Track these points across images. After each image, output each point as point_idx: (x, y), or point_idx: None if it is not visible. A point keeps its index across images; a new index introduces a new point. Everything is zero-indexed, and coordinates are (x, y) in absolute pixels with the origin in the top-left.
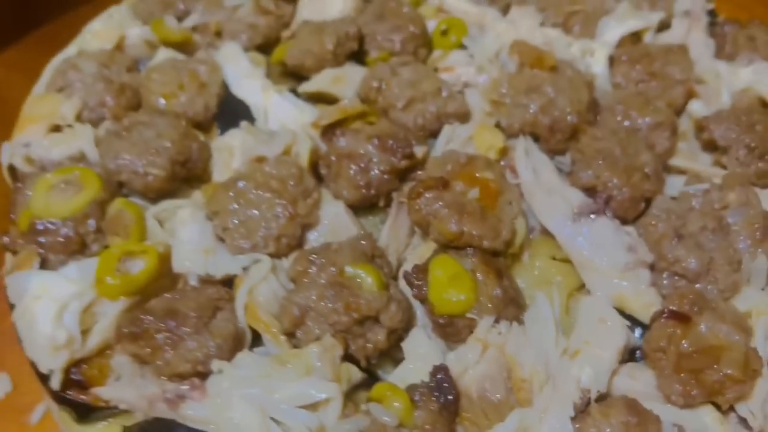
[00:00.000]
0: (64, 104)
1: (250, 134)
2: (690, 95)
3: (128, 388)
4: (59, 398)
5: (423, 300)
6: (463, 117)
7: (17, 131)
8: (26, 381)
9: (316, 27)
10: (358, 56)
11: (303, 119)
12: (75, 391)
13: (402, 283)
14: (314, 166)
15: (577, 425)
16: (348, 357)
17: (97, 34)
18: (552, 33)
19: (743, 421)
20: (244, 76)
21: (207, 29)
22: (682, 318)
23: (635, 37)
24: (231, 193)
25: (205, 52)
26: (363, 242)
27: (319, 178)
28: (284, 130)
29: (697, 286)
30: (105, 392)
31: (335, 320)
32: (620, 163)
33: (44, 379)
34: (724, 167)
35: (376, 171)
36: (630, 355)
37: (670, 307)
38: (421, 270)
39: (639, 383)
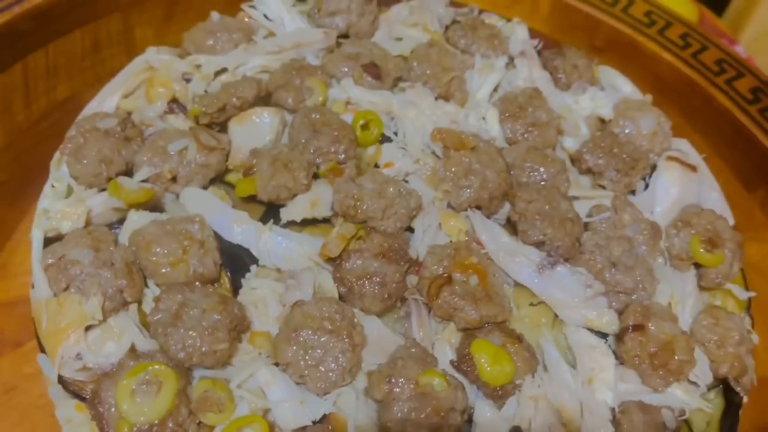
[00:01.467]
0: (87, 305)
1: (274, 280)
2: (559, 132)
3: None
4: None
5: (475, 380)
6: (421, 207)
7: (49, 346)
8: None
9: (273, 159)
10: None
11: (304, 251)
12: None
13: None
14: None
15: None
16: None
17: (64, 214)
18: (449, 108)
19: (693, 383)
20: (233, 222)
21: (161, 178)
22: (640, 328)
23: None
24: (294, 346)
25: (170, 201)
26: (413, 349)
27: (340, 298)
28: (304, 269)
29: (634, 297)
30: None
31: (429, 422)
32: (554, 217)
33: None
34: (602, 187)
35: (393, 284)
36: None
37: (630, 323)
38: (466, 358)
39: (630, 384)
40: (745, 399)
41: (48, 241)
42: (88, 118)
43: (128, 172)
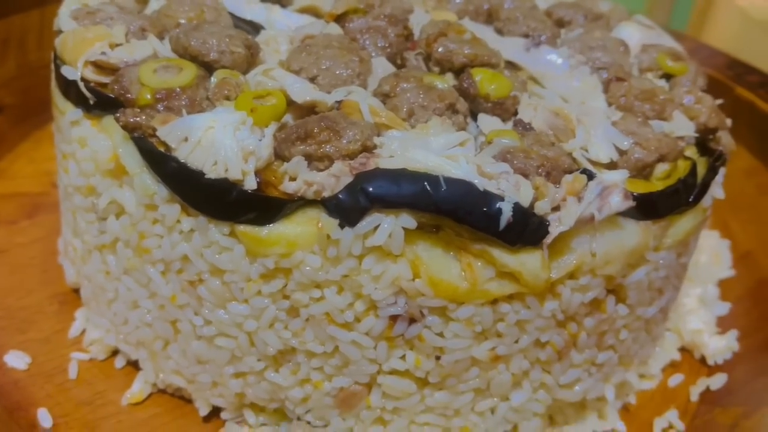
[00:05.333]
0: (113, 29)
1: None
2: None
3: (314, 175)
4: (249, 204)
5: (476, 97)
6: (412, 11)
7: (73, 56)
8: (42, 351)
9: None
10: None
11: (311, 22)
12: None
13: None
14: None
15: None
16: None
17: None
18: None
19: None
20: (245, 3)
21: None
22: (622, 79)
23: None
24: (304, 54)
25: None
26: (417, 68)
27: None
28: (312, 22)
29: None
30: (292, 185)
31: (434, 107)
32: (536, 18)
33: (227, 196)
34: None
35: (393, 36)
36: None
37: (614, 75)
38: (467, 78)
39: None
40: (727, 156)
41: None
42: None
43: None
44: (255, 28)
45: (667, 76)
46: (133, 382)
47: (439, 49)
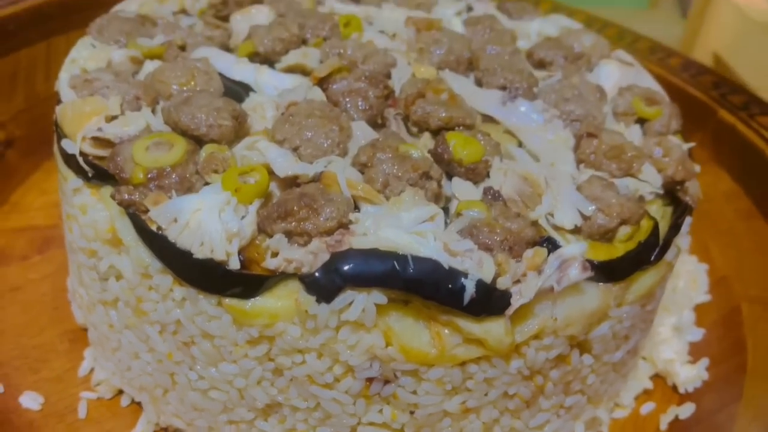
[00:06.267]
0: (109, 101)
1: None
2: (514, 38)
3: (293, 252)
4: (233, 280)
5: (450, 162)
6: (396, 65)
7: (72, 129)
8: (54, 391)
9: (270, 25)
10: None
11: (296, 83)
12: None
13: None
14: None
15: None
16: None
17: (89, 58)
18: (417, 13)
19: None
20: (234, 64)
21: (172, 45)
22: (593, 135)
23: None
24: (287, 125)
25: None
26: (394, 135)
27: None
28: (297, 86)
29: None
30: (273, 262)
31: (408, 177)
32: (513, 69)
33: (213, 273)
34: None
35: (373, 97)
36: None
37: (585, 131)
38: (442, 144)
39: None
40: (694, 205)
41: None
42: (110, 12)
43: None
44: (244, 88)
45: (642, 120)
46: (137, 422)
47: (417, 112)
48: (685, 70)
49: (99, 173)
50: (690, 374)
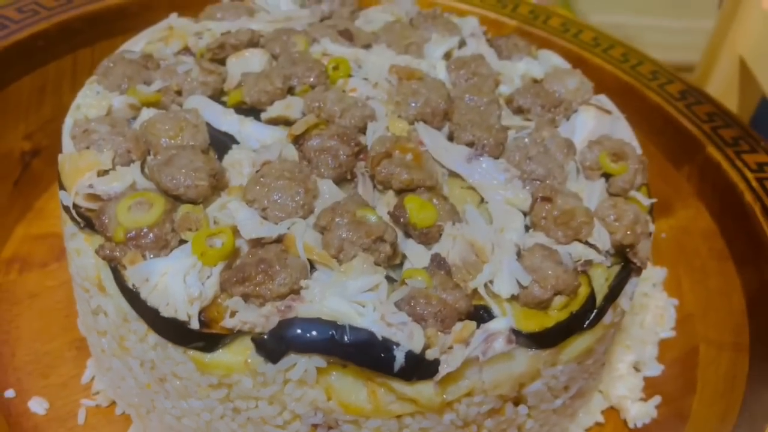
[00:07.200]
0: (101, 156)
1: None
2: (497, 82)
3: (248, 314)
4: (195, 337)
5: (407, 225)
6: (374, 118)
7: (68, 183)
8: (59, 396)
9: (258, 75)
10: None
11: (276, 136)
12: (207, 329)
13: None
14: None
15: (519, 263)
16: None
17: (91, 105)
18: (406, 59)
19: (592, 246)
20: (221, 114)
21: (169, 90)
22: (547, 199)
23: (448, 54)
24: (258, 186)
25: (174, 107)
26: (356, 197)
27: None
28: (273, 142)
29: (547, 182)
30: (230, 322)
31: (361, 242)
32: (483, 125)
33: (178, 329)
34: (530, 120)
35: (344, 156)
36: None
37: (540, 195)
38: (400, 207)
39: (537, 239)
40: (643, 267)
41: None
42: (117, 52)
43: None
44: (231, 138)
45: (607, 175)
46: (128, 430)
47: (382, 172)
48: (682, 98)
49: (90, 225)
50: (640, 411)
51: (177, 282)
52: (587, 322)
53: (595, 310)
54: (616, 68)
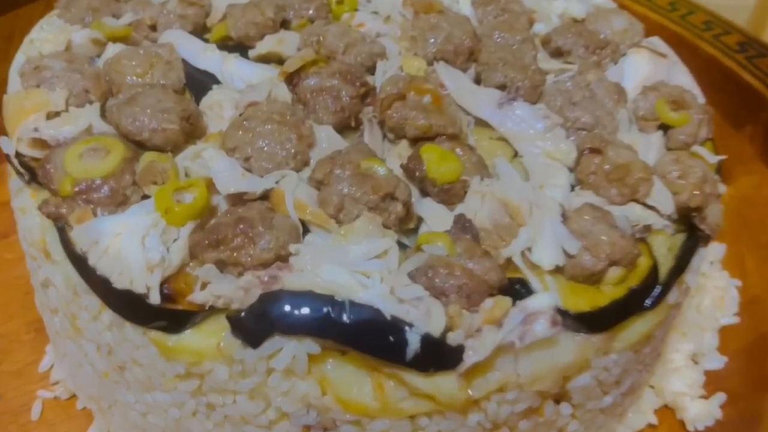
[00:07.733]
0: (52, 95)
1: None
2: (531, 21)
3: (223, 285)
4: (156, 314)
5: (423, 179)
6: (384, 56)
7: (11, 126)
8: (13, 386)
9: (246, 5)
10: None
11: (265, 75)
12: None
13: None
14: None
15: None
16: None
17: (46, 40)
18: None
19: (652, 207)
20: (201, 51)
21: (141, 24)
22: (597, 151)
23: None
24: (240, 132)
25: (147, 43)
26: (361, 146)
27: None
28: (262, 81)
29: (596, 131)
30: (201, 296)
31: (366, 200)
32: (516, 64)
33: (136, 304)
34: (570, 63)
35: (347, 98)
36: None
37: (588, 146)
38: (415, 158)
39: (585, 198)
40: (713, 236)
41: None
42: None
43: None
44: (212, 78)
45: (667, 126)
46: (89, 429)
47: (393, 117)
48: (742, 51)
49: (36, 178)
50: (701, 411)
51: (133, 245)
52: (650, 301)
53: (659, 286)
54: (663, 17)
